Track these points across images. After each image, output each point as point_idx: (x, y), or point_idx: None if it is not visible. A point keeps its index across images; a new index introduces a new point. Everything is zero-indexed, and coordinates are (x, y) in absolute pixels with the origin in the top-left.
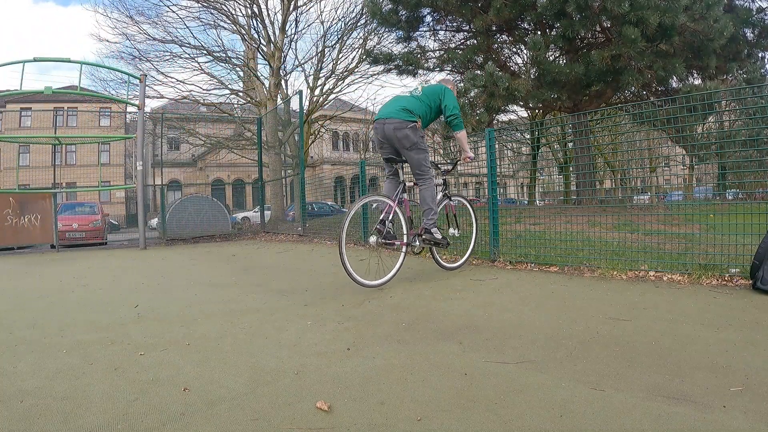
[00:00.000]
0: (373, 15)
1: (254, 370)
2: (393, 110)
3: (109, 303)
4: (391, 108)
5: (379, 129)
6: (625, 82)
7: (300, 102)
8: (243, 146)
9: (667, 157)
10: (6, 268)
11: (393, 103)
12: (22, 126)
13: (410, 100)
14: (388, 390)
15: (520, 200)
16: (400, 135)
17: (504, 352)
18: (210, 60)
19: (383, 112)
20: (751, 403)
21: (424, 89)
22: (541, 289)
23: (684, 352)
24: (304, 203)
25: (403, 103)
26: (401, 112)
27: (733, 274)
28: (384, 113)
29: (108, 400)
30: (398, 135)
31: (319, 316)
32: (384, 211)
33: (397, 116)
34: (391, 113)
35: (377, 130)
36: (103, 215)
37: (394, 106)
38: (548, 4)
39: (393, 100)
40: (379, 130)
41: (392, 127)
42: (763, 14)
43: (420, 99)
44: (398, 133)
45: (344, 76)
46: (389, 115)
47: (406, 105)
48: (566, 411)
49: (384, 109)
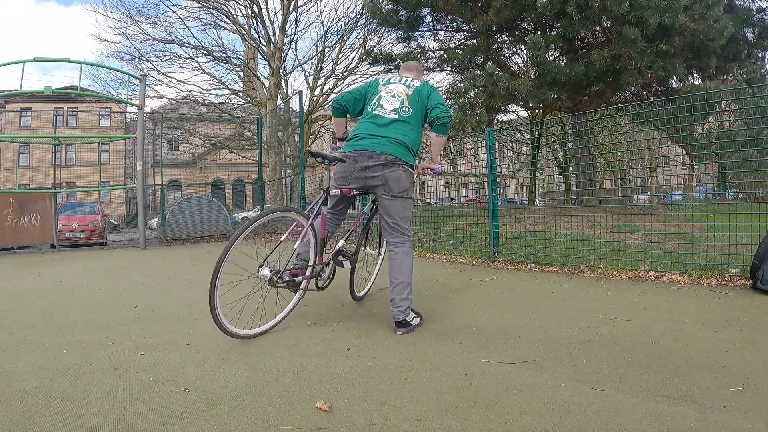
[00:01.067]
0: (373, 15)
1: (254, 370)
2: (385, 142)
3: (109, 303)
4: (384, 138)
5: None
6: (625, 82)
7: (300, 102)
8: (243, 146)
9: (667, 157)
10: (6, 268)
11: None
12: (22, 126)
13: (405, 127)
14: (388, 390)
15: (520, 200)
16: (391, 176)
17: (504, 352)
18: (210, 60)
19: (366, 142)
20: (751, 403)
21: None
22: (541, 289)
23: (684, 352)
24: (304, 203)
25: (398, 132)
26: (396, 146)
27: (733, 274)
28: (369, 145)
29: (108, 400)
30: (388, 175)
31: (319, 316)
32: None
33: (390, 151)
34: (382, 146)
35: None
36: (103, 215)
37: (390, 136)
38: (548, 4)
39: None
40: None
41: (382, 163)
42: (763, 14)
43: (411, 120)
44: (388, 173)
45: (344, 76)
46: (380, 148)
47: (402, 135)
48: (566, 411)
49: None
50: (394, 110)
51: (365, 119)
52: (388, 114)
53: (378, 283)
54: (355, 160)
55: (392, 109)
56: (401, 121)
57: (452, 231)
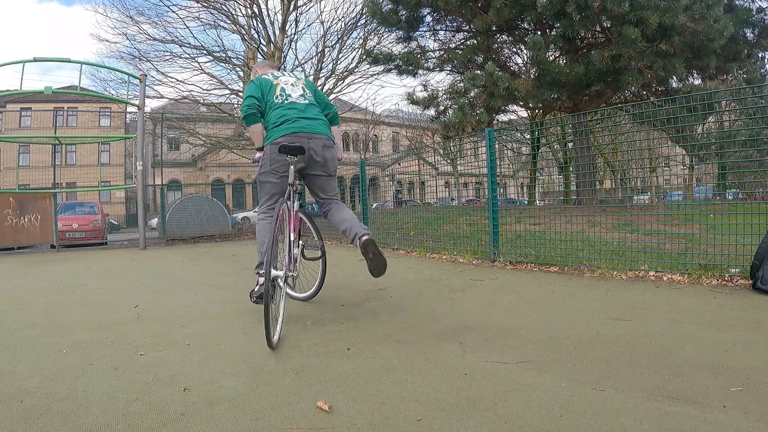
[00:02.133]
0: (373, 15)
1: (254, 370)
2: (317, 124)
3: (109, 303)
4: (315, 120)
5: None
6: (625, 82)
7: None
8: (243, 146)
9: (667, 157)
10: (6, 268)
11: (313, 114)
12: (22, 126)
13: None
14: (388, 390)
15: (520, 200)
16: (329, 155)
17: (504, 352)
18: (210, 60)
19: (302, 123)
20: (751, 403)
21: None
22: (541, 289)
23: (684, 352)
24: (304, 203)
25: (318, 114)
26: (326, 127)
27: (733, 274)
28: (306, 126)
29: (108, 400)
30: (326, 155)
31: (319, 316)
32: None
33: (323, 131)
34: (317, 127)
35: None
36: (103, 215)
37: (318, 119)
38: (548, 4)
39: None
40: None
41: (321, 143)
42: (763, 14)
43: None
44: (327, 152)
45: (344, 76)
46: (316, 129)
47: (322, 116)
48: (566, 411)
49: (300, 121)
50: (302, 95)
51: (283, 107)
52: (299, 100)
53: (378, 282)
54: (295, 141)
55: (300, 95)
56: (313, 105)
57: (452, 231)
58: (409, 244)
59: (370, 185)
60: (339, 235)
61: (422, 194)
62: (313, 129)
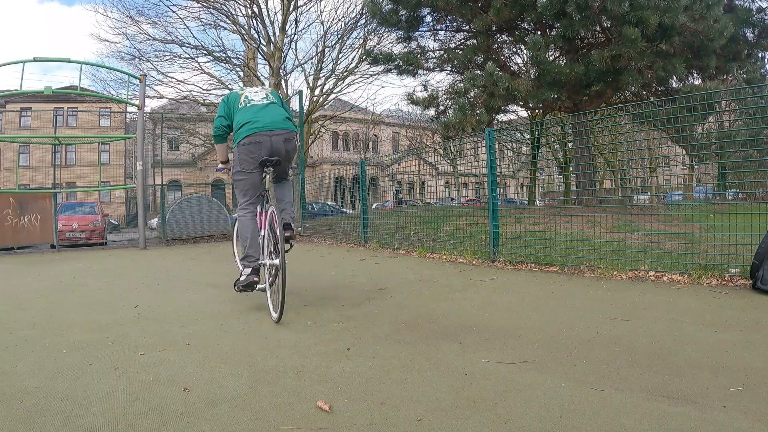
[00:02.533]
0: (373, 15)
1: (254, 370)
2: (278, 120)
3: (109, 303)
4: (275, 117)
5: (265, 142)
6: (625, 82)
7: (300, 102)
8: None
9: (667, 157)
10: (6, 268)
11: (273, 112)
12: (22, 126)
13: (282, 108)
14: (388, 390)
15: (520, 200)
16: (290, 147)
17: (504, 352)
18: (210, 60)
19: (266, 121)
20: (751, 403)
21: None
22: (541, 289)
23: (684, 352)
24: (304, 203)
25: (282, 112)
26: (287, 122)
27: (733, 274)
28: (269, 123)
29: (108, 400)
30: (288, 147)
31: (319, 316)
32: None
33: (285, 126)
34: (279, 123)
35: (261, 144)
36: (103, 215)
37: (278, 115)
38: (548, 4)
39: (269, 109)
40: (265, 143)
41: (282, 138)
42: (763, 14)
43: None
44: (288, 145)
45: (344, 76)
46: (278, 126)
47: (286, 113)
48: (566, 411)
49: (265, 119)
50: (264, 97)
51: (247, 111)
52: (261, 101)
53: (378, 283)
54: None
55: (262, 97)
56: (274, 104)
57: (452, 231)
58: (409, 244)
59: (370, 185)
60: (339, 235)
61: (422, 194)
62: (274, 126)
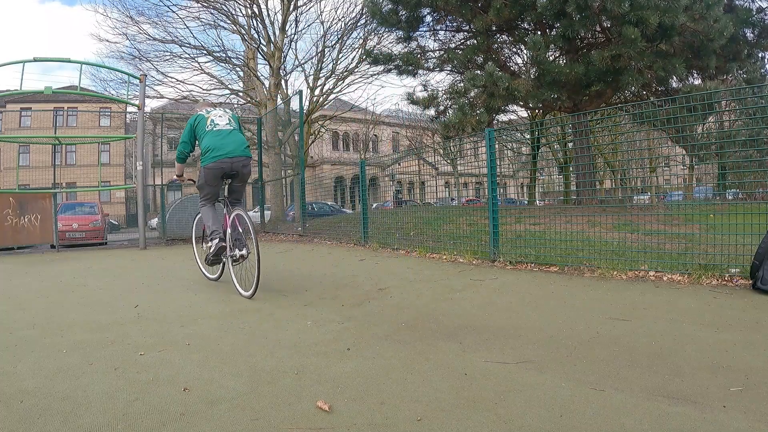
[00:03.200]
0: (373, 15)
1: (254, 370)
2: (239, 149)
3: (109, 303)
4: (236, 146)
5: (226, 166)
6: (625, 82)
7: (300, 102)
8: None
9: (667, 157)
10: (6, 268)
11: (234, 140)
12: (22, 126)
13: (241, 134)
14: (388, 390)
15: (520, 200)
16: (247, 171)
17: (504, 352)
18: (210, 60)
19: (229, 149)
20: (751, 403)
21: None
22: (541, 289)
23: (684, 352)
24: (304, 203)
25: (243, 141)
26: (247, 150)
27: (733, 274)
28: (231, 151)
29: (108, 400)
30: (245, 171)
31: (319, 316)
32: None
33: (244, 154)
34: (239, 152)
35: (223, 166)
36: (103, 215)
37: (239, 144)
38: (548, 4)
39: (231, 137)
40: (226, 166)
41: (241, 164)
42: (763, 14)
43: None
44: (245, 169)
45: (344, 76)
46: (239, 153)
47: (245, 142)
48: (566, 411)
49: (227, 147)
50: (228, 123)
51: (212, 135)
52: (225, 127)
53: (378, 283)
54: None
55: (225, 123)
56: (236, 130)
57: (452, 231)
58: (409, 244)
59: (370, 185)
60: (339, 235)
61: (422, 194)
62: (234, 153)
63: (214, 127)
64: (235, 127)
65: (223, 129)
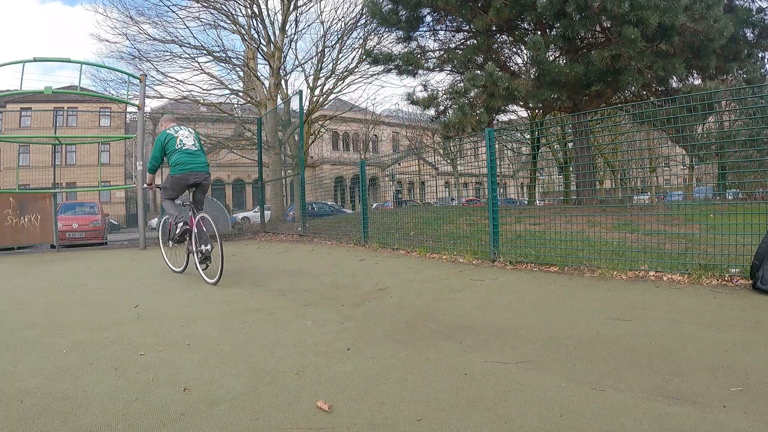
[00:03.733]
0: (373, 15)
1: (254, 370)
2: (202, 165)
3: (109, 303)
4: (200, 164)
5: (191, 177)
6: (625, 82)
7: (300, 102)
8: (243, 146)
9: (667, 157)
10: (6, 268)
11: (198, 158)
12: (22, 126)
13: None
14: (388, 390)
15: (520, 200)
16: (207, 183)
17: (504, 352)
18: (210, 60)
19: (193, 166)
20: (751, 403)
21: (195, 138)
22: (541, 289)
23: (684, 352)
24: (304, 203)
25: (205, 161)
26: (207, 168)
27: (733, 274)
28: (195, 167)
29: (108, 400)
30: (205, 183)
31: (319, 316)
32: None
33: (206, 171)
34: (202, 168)
35: (188, 178)
36: (103, 215)
37: (202, 163)
38: (548, 4)
39: (196, 155)
40: (191, 177)
41: (203, 178)
42: (763, 14)
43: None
44: (206, 182)
45: (344, 76)
46: (202, 169)
47: (206, 162)
48: (566, 411)
49: (193, 164)
50: (194, 144)
51: (181, 153)
52: (191, 147)
53: (378, 283)
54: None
55: (191, 143)
56: (200, 150)
57: (452, 231)
58: (409, 244)
59: (370, 185)
60: (339, 235)
61: (422, 194)
62: (198, 169)
63: (183, 146)
64: (199, 148)
65: (190, 149)
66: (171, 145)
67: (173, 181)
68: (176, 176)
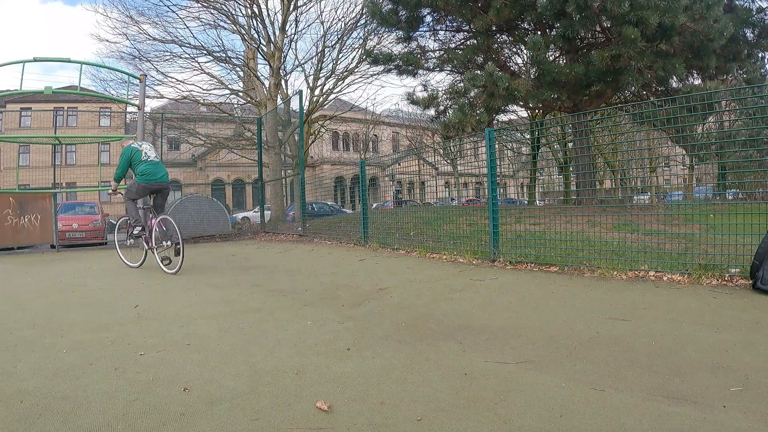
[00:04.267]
0: (373, 15)
1: (254, 370)
2: (164, 175)
3: (109, 303)
4: (162, 174)
5: (155, 185)
6: (625, 82)
7: (300, 102)
8: (243, 146)
9: (667, 157)
10: (6, 268)
11: (161, 169)
12: (22, 126)
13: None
14: (388, 390)
15: (520, 200)
16: (167, 190)
17: (504, 352)
18: (210, 60)
19: (157, 176)
20: (751, 403)
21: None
22: (541, 289)
23: (684, 352)
24: (304, 203)
25: (165, 170)
26: (167, 177)
27: (733, 274)
28: (159, 177)
29: (108, 400)
30: (166, 190)
31: (319, 316)
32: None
33: (167, 180)
34: (165, 178)
35: (152, 186)
36: (103, 215)
37: (164, 173)
38: (548, 4)
39: (159, 167)
40: (155, 186)
41: (165, 186)
42: (763, 14)
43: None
44: (166, 189)
45: (344, 76)
46: (164, 179)
47: (167, 171)
48: (566, 411)
49: (157, 174)
50: (155, 156)
51: (147, 164)
52: (154, 159)
53: (378, 283)
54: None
55: (154, 156)
56: (161, 162)
57: (452, 231)
58: (409, 244)
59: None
60: (339, 235)
61: (422, 194)
62: (162, 179)
63: (147, 158)
64: (160, 160)
65: (153, 160)
66: (137, 157)
67: (139, 188)
68: (142, 184)
